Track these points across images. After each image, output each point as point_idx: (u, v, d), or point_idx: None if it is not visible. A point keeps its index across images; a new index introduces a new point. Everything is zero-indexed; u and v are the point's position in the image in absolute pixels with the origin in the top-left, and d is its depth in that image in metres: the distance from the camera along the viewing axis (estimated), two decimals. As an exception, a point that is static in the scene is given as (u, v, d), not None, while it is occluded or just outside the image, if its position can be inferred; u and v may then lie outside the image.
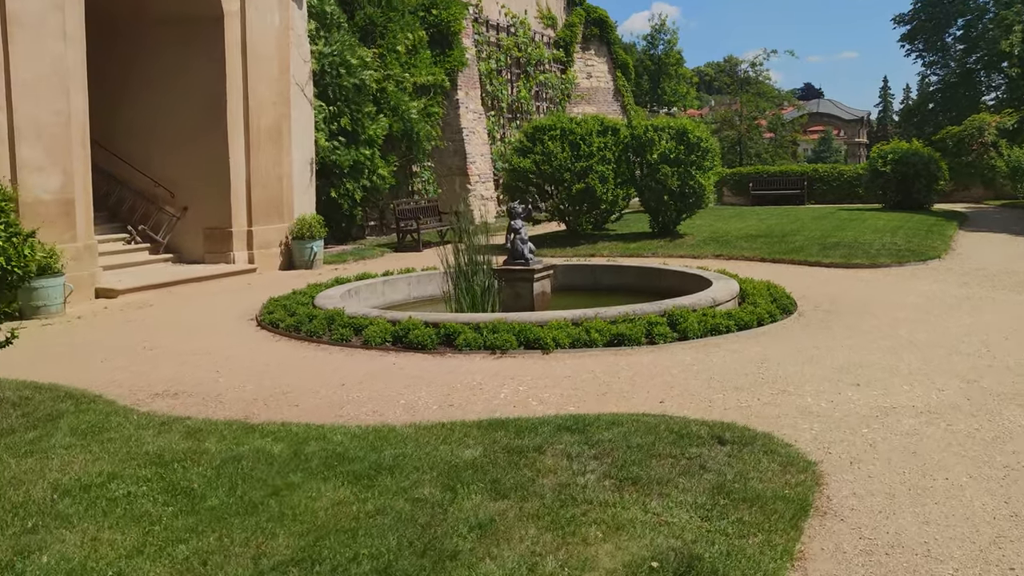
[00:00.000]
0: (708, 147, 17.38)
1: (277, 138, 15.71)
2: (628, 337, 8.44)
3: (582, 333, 8.45)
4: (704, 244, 16.85)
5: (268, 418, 6.22)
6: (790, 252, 15.31)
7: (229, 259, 15.12)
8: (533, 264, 10.78)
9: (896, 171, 24.10)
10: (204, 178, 15.17)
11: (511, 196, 18.35)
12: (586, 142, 17.24)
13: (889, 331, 9.00)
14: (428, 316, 9.16)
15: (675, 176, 17.11)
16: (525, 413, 6.15)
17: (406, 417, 6.19)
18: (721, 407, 6.30)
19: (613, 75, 33.30)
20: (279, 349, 8.77)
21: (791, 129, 45.63)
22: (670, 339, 8.56)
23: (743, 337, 8.77)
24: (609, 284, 12.91)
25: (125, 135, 15.88)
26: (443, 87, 22.11)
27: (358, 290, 11.85)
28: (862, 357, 7.80)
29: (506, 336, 8.39)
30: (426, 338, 8.48)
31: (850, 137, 70.02)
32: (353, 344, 8.81)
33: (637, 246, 16.91)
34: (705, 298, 9.69)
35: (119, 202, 15.90)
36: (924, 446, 5.35)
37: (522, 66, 27.99)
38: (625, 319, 8.88)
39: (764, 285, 10.92)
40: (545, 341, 8.30)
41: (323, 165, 17.97)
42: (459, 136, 23.23)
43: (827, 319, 9.69)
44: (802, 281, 12.63)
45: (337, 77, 17.83)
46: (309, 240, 15.79)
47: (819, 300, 10.95)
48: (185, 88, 15.14)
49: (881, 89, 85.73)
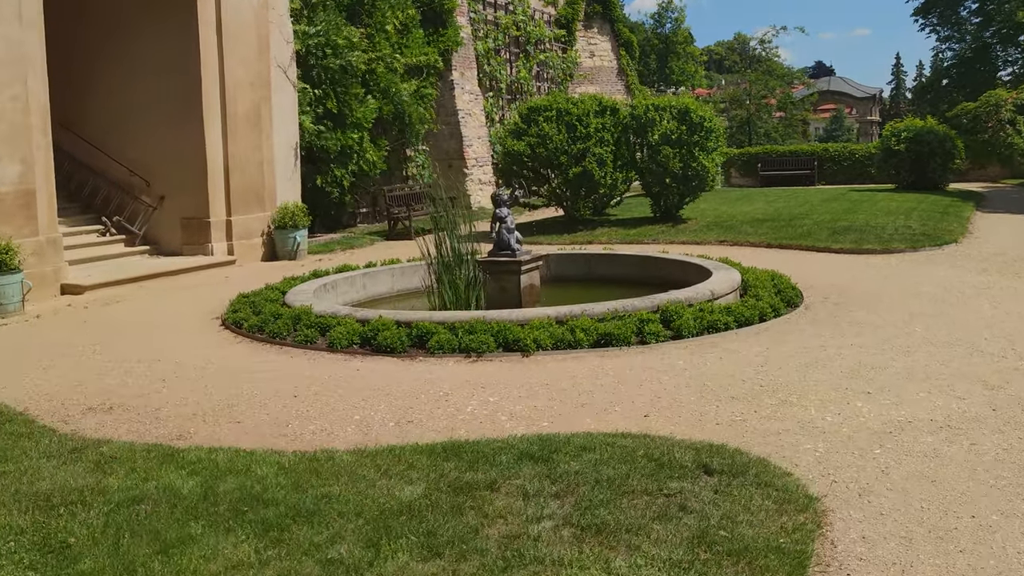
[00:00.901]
0: (712, 127, 16.54)
1: (256, 122, 14.96)
2: (616, 337, 7.69)
3: (566, 333, 7.71)
4: (708, 229, 16.05)
5: (199, 440, 5.52)
6: (798, 237, 14.51)
7: (207, 251, 14.41)
8: (520, 255, 10.04)
9: (910, 150, 23.16)
10: (180, 166, 14.45)
11: (506, 180, 17.58)
12: (583, 123, 16.42)
13: (903, 326, 8.22)
14: (401, 315, 8.44)
15: (677, 158, 16.29)
16: (490, 432, 5.43)
17: (356, 438, 5.48)
18: (713, 421, 5.56)
19: (617, 54, 32.35)
20: (236, 353, 8.07)
21: (801, 108, 44.63)
22: (663, 338, 7.82)
23: (743, 335, 8.02)
24: (604, 274, 12.16)
25: (97, 122, 15.17)
26: (436, 68, 21.30)
27: (335, 284, 11.13)
28: (873, 358, 7.04)
29: (483, 337, 7.66)
30: (396, 340, 7.76)
31: (862, 115, 68.74)
32: (318, 346, 8.10)
33: (638, 232, 16.13)
34: (703, 291, 8.93)
35: (93, 192, 15.20)
36: (945, 472, 4.60)
37: (521, 45, 27.11)
38: (614, 316, 8.14)
39: (768, 275, 10.15)
40: (525, 343, 7.57)
41: (309, 150, 17.23)
42: (455, 119, 22.43)
43: (835, 313, 8.92)
44: (810, 269, 11.84)
45: (323, 58, 17.05)
46: (292, 229, 15.07)
47: (827, 291, 10.17)
48: (158, 71, 14.38)
49: (893, 66, 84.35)
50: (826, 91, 60.42)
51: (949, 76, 43.92)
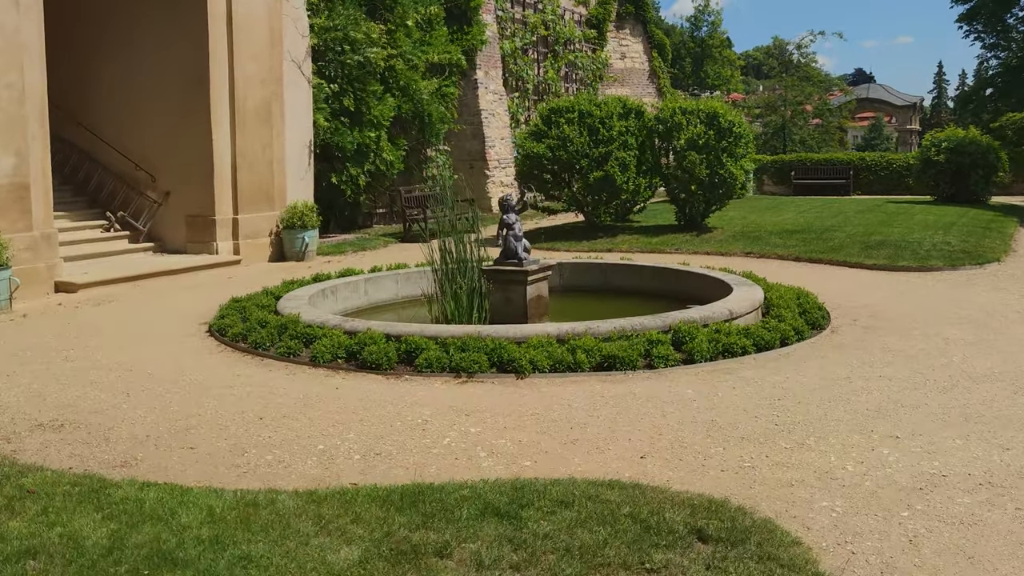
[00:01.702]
0: (741, 132, 15.80)
1: (267, 118, 14.46)
2: (621, 360, 7.05)
3: (566, 354, 7.08)
4: (734, 240, 15.31)
5: (143, 468, 4.97)
6: (828, 251, 13.73)
7: (212, 249, 13.93)
8: (527, 264, 9.42)
9: (950, 161, 22.20)
10: (186, 161, 13.99)
11: (525, 183, 16.97)
12: (605, 125, 15.75)
13: (938, 356, 7.49)
14: (391, 327, 7.85)
15: (704, 164, 15.58)
16: (464, 471, 4.82)
17: (314, 472, 4.90)
18: (717, 467, 4.90)
19: (649, 55, 31.59)
20: (213, 364, 7.52)
21: (838, 115, 43.49)
22: (672, 362, 7.16)
23: (761, 361, 7.33)
24: (620, 286, 11.49)
25: (105, 114, 14.77)
26: (460, 66, 20.71)
27: (335, 289, 10.57)
28: (904, 394, 6.33)
29: (475, 356, 7.05)
30: (382, 356, 7.17)
31: (901, 124, 67.22)
32: (300, 359, 7.53)
33: (660, 240, 15.43)
34: (720, 310, 8.25)
35: (100, 186, 14.80)
36: (986, 547, 3.91)
37: (550, 45, 26.47)
38: (621, 336, 7.49)
39: (793, 293, 9.44)
40: (520, 364, 6.95)
41: (324, 148, 16.72)
42: (477, 119, 21.85)
43: (864, 338, 8.20)
44: (839, 286, 11.10)
45: (340, 54, 16.53)
46: (300, 230, 14.55)
47: (857, 312, 9.44)
48: (165, 63, 13.94)
49: (936, 75, 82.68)
50: (865, 98, 59.10)
51: (993, 85, 42.57)
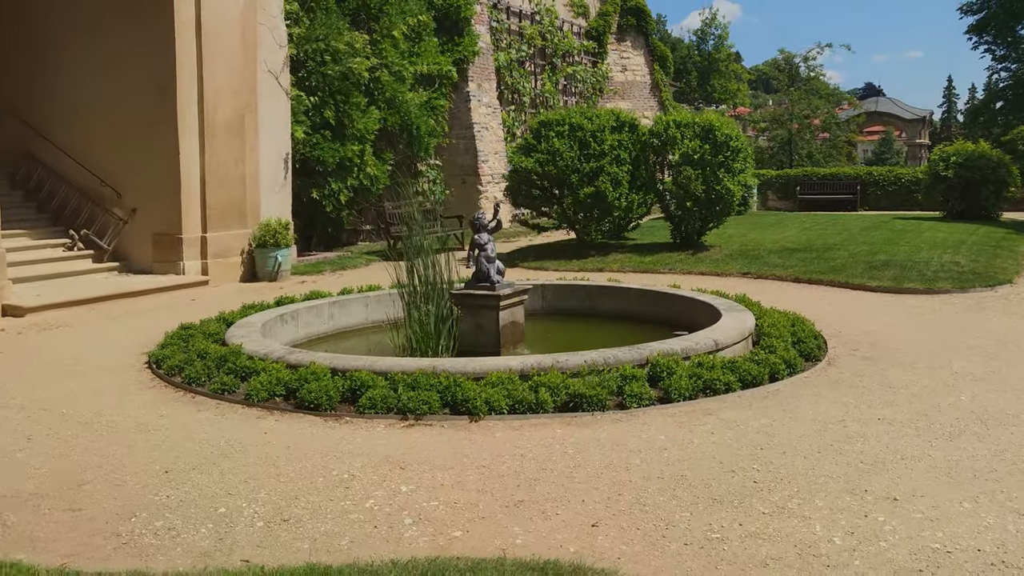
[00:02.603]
0: (738, 147, 15.06)
1: (239, 132, 13.79)
2: (588, 399, 6.29)
3: (527, 393, 6.32)
4: (731, 259, 14.54)
5: (10, 538, 4.25)
6: (830, 271, 12.94)
7: (178, 269, 13.24)
8: (499, 288, 8.71)
9: (959, 175, 21.38)
10: (153, 177, 13.31)
11: (514, 199, 16.25)
12: (597, 139, 15.03)
13: (945, 393, 6.71)
14: (339, 360, 7.10)
15: (699, 180, 14.83)
16: (378, 546, 4.08)
17: (204, 544, 4.16)
18: (680, 539, 4.14)
19: (651, 68, 30.89)
20: (138, 404, 6.79)
21: (846, 129, 42.72)
22: (646, 402, 6.40)
23: (747, 399, 6.57)
24: (607, 309, 10.74)
25: (69, 127, 14.17)
26: (450, 78, 20.05)
27: (296, 314, 9.84)
28: (905, 442, 5.55)
29: (426, 395, 6.30)
30: (322, 395, 6.43)
31: (911, 138, 66.40)
32: (235, 397, 6.80)
33: (653, 260, 14.67)
34: (704, 340, 7.48)
35: (64, 203, 14.15)
36: (999, 658, 3.14)
37: (548, 57, 25.82)
38: (592, 370, 6.74)
39: (788, 320, 8.67)
40: (475, 404, 6.20)
41: (304, 162, 16.06)
42: (470, 132, 21.17)
43: (864, 371, 7.42)
44: (840, 311, 10.33)
45: (321, 64, 15.89)
46: (273, 248, 13.84)
47: (857, 340, 8.66)
48: (131, 72, 13.30)
49: (945, 89, 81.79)
50: (873, 112, 58.32)
51: (1004, 98, 41.77)
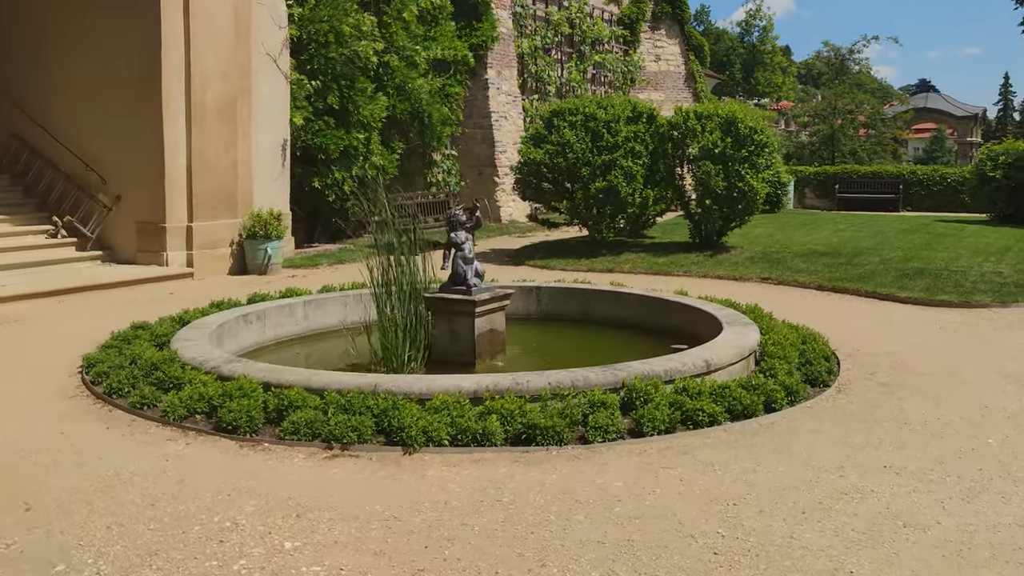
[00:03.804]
0: (763, 141, 14.01)
1: (231, 117, 13.06)
2: (544, 431, 5.40)
3: (473, 421, 5.46)
4: (752, 262, 13.52)
5: None
6: (857, 279, 11.88)
7: (162, 260, 12.57)
8: (476, 292, 7.89)
9: (1009, 176, 20.04)
10: (138, 163, 12.65)
11: (523, 193, 15.37)
12: (611, 130, 14.07)
13: (971, 434, 5.71)
14: (276, 373, 6.29)
15: (720, 175, 13.82)
16: (221, 631, 3.26)
17: (12, 620, 3.38)
18: (605, 636, 3.27)
19: (685, 58, 29.76)
20: (43, 418, 6.04)
21: (892, 125, 40.98)
22: (613, 435, 5.49)
23: (733, 435, 5.64)
24: (604, 315, 9.86)
25: (56, 109, 13.58)
26: (466, 64, 19.18)
27: (264, 314, 9.08)
28: (913, 501, 4.59)
29: (359, 420, 5.47)
30: (242, 416, 5.62)
31: (961, 136, 64.04)
32: (153, 413, 6.03)
33: (667, 261, 13.70)
34: (693, 361, 6.55)
35: (50, 188, 13.57)
36: None
37: (575, 45, 24.85)
38: (556, 394, 5.85)
39: (797, 336, 7.70)
40: (410, 434, 5.35)
41: (306, 150, 15.33)
42: (487, 121, 20.32)
43: (876, 402, 6.44)
44: (861, 325, 9.31)
45: (324, 47, 15.11)
46: (263, 240, 13.11)
47: (875, 362, 7.66)
48: (115, 53, 12.65)
49: (1001, 86, 78.72)
50: (922, 108, 56.13)
51: (1062, 96, 39.80)
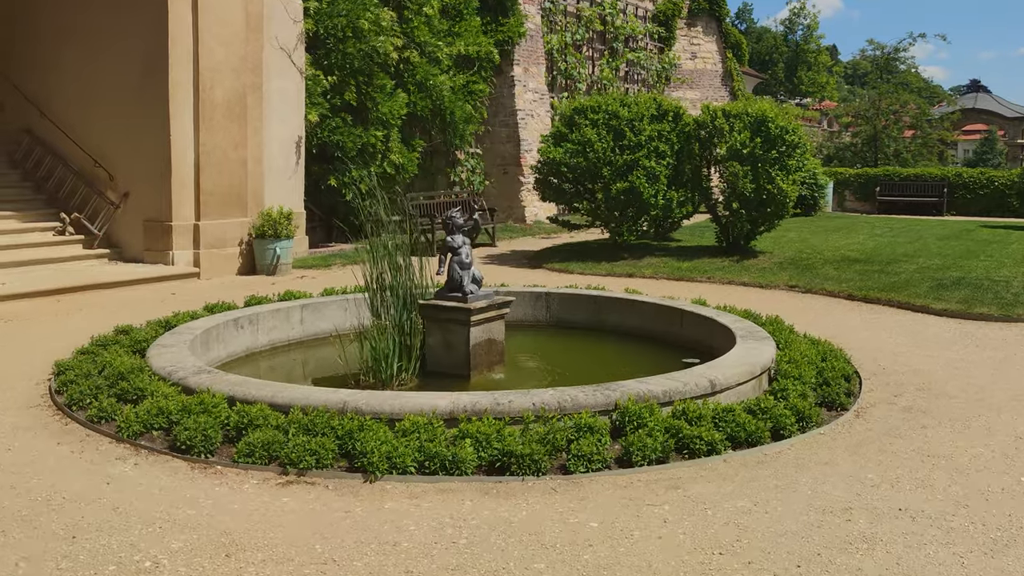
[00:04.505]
0: (795, 142, 13.35)
1: (241, 112, 12.72)
2: (520, 459, 4.91)
3: (443, 446, 4.98)
4: (780, 268, 12.88)
5: None
6: (890, 288, 11.19)
7: (168, 259, 12.27)
8: (474, 300, 7.43)
9: (1060, 180, 19.13)
10: (145, 159, 12.36)
11: (542, 193, 14.85)
12: (634, 129, 13.51)
13: (1002, 471, 5.10)
14: (244, 386, 5.86)
15: (748, 177, 13.19)
16: None
17: None
18: None
19: (723, 56, 28.99)
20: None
21: (939, 126, 39.73)
22: (597, 465, 4.98)
23: (732, 467, 5.10)
24: (616, 323, 9.35)
25: (66, 103, 13.39)
26: (491, 60, 18.70)
27: (256, 318, 8.69)
28: (927, 554, 4.01)
29: (319, 443, 5.02)
30: (197, 435, 5.20)
31: (1012, 138, 62.14)
32: (109, 428, 5.64)
33: (691, 266, 13.11)
34: (696, 381, 6.00)
35: (59, 184, 13.34)
36: None
37: (607, 41, 24.27)
38: (541, 416, 5.35)
39: (816, 353, 7.12)
40: (371, 460, 4.88)
41: (322, 147, 14.98)
42: (513, 119, 19.84)
43: (898, 430, 5.84)
44: (890, 339, 8.67)
45: (341, 42, 14.74)
46: (273, 240, 12.76)
47: (902, 382, 7.05)
48: (122, 46, 12.38)
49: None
50: (971, 109, 54.46)
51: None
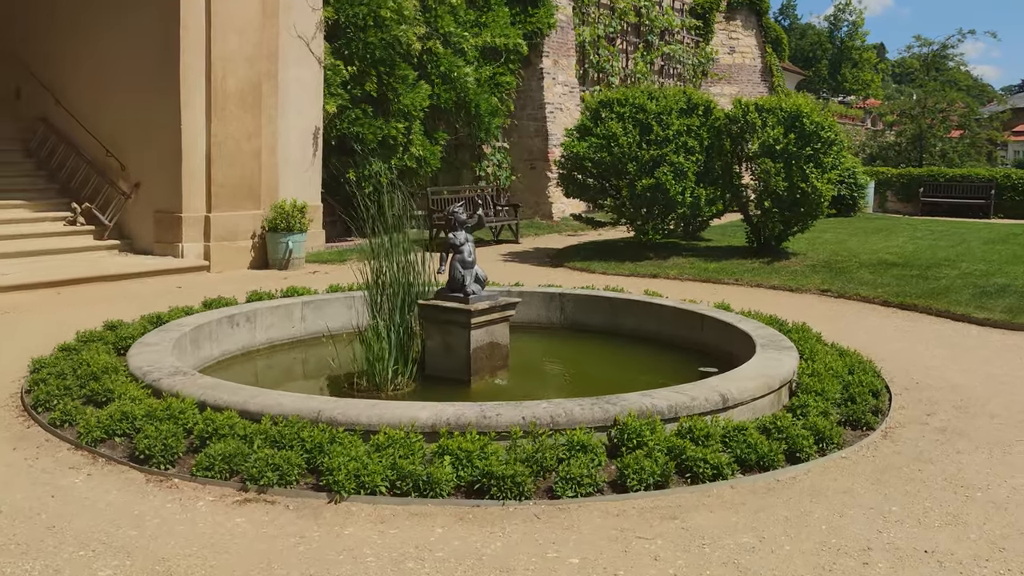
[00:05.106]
0: (830, 138, 12.69)
1: (255, 102, 12.38)
2: (501, 481, 4.44)
3: (417, 465, 4.52)
4: (812, 272, 12.25)
5: None
6: (929, 295, 10.54)
7: (177, 252, 11.97)
8: (476, 300, 6.98)
9: (1115, 182, 18.19)
10: (155, 148, 12.08)
11: (565, 190, 14.34)
12: (661, 123, 12.94)
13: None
14: (215, 391, 5.45)
15: (781, 175, 12.57)
16: None
17: None
18: None
19: (762, 50, 28.22)
20: (-53, 433, 5.34)
21: (988, 126, 38.47)
22: (588, 489, 4.50)
23: (739, 494, 4.58)
24: (633, 328, 8.84)
25: (79, 91, 13.16)
26: (519, 52, 18.20)
27: (254, 315, 8.30)
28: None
29: (283, 456, 4.59)
30: (157, 444, 4.81)
31: (1066, 138, 60.24)
32: (70, 433, 5.27)
33: (718, 268, 12.53)
34: (706, 395, 5.46)
35: (72, 173, 13.12)
36: None
37: (642, 34, 23.65)
38: (530, 432, 4.87)
39: (843, 365, 6.56)
40: (336, 478, 4.44)
41: (342, 139, 14.62)
42: (541, 113, 19.33)
43: (929, 455, 5.27)
44: (927, 351, 8.06)
45: (362, 31, 14.35)
46: (285, 233, 12.40)
47: (937, 398, 6.46)
48: (134, 33, 12.10)
49: (1113, 86, 73.96)
50: (1023, 109, 52.93)
51: None
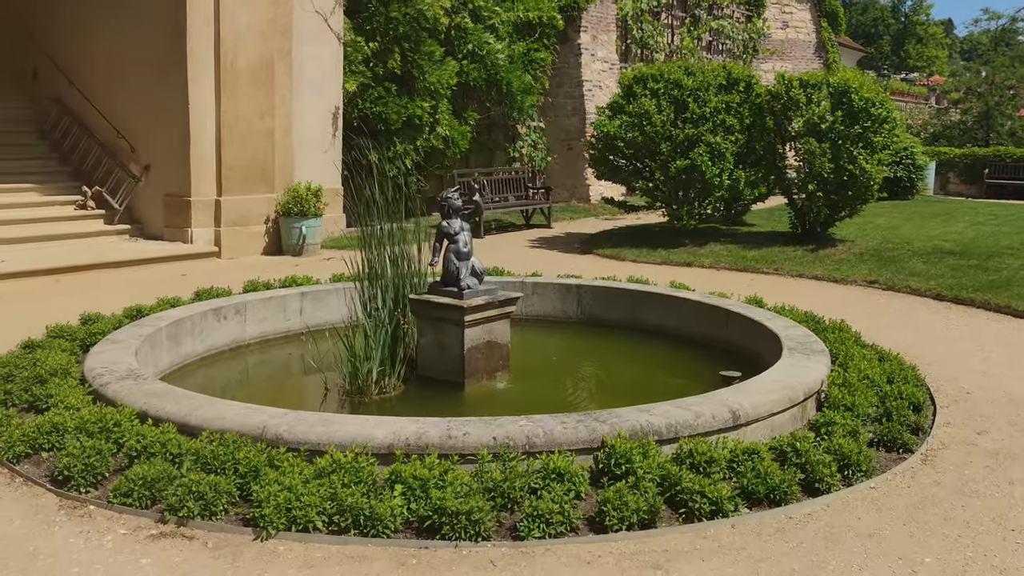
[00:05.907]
0: (882, 115, 11.70)
1: (267, 80, 11.84)
2: (455, 518, 3.78)
3: (360, 496, 3.88)
4: (860, 260, 11.32)
5: None
6: (988, 288, 9.57)
7: (186, 237, 11.52)
8: (471, 296, 6.36)
9: None
10: (164, 129, 11.64)
11: (597, 172, 13.56)
12: (698, 100, 12.07)
13: (1115, 557, 3.73)
14: (157, 401, 4.88)
15: (827, 156, 11.64)
16: None
17: None
18: None
19: (817, 25, 26.91)
20: None
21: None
22: (559, 528, 3.82)
23: (741, 537, 3.86)
24: (656, 323, 8.14)
25: (91, 71, 12.75)
26: (555, 27, 17.38)
27: (244, 307, 7.79)
28: None
29: (213, 482, 3.99)
30: (77, 464, 4.26)
31: None
32: None
33: (758, 256, 11.67)
34: (713, 411, 4.72)
35: (84, 155, 12.75)
36: None
37: (689, 9, 22.63)
38: (500, 456, 4.20)
39: (881, 372, 5.76)
40: (264, 512, 3.82)
41: (365, 119, 14.02)
42: (579, 91, 18.52)
43: (975, 487, 4.47)
44: (981, 353, 7.17)
45: (384, 5, 13.70)
46: (299, 218, 11.87)
47: (990, 412, 5.62)
48: (143, 12, 11.64)
49: None
50: (1100, 84, 50.23)
51: None
